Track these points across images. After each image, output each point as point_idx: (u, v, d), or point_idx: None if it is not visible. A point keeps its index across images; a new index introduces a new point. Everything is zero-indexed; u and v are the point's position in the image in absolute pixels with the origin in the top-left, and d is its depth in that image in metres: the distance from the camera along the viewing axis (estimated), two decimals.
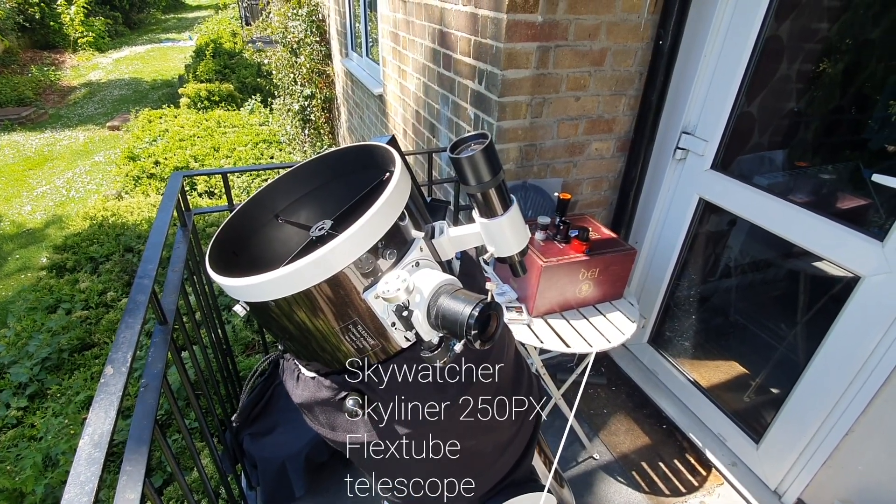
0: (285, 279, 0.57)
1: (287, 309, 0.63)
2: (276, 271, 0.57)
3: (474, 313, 0.57)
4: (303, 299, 0.61)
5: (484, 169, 0.64)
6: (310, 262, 0.57)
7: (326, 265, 0.58)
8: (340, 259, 0.58)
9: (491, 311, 0.59)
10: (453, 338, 0.60)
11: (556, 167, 1.89)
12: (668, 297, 2.17)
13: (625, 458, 1.98)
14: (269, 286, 0.58)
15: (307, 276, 0.58)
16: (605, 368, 2.42)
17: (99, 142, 7.60)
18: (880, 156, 1.52)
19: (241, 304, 0.65)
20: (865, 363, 1.43)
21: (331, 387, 0.71)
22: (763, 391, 1.92)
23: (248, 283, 0.58)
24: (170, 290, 1.10)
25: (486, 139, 0.65)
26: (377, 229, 0.60)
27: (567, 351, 1.47)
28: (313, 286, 0.59)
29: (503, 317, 0.62)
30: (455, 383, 0.75)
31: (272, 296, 0.59)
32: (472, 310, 0.57)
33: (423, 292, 0.61)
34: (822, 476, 1.59)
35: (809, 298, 1.77)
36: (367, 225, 0.59)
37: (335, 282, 0.60)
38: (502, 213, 0.69)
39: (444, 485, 0.90)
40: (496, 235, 0.71)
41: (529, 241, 1.59)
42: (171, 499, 1.97)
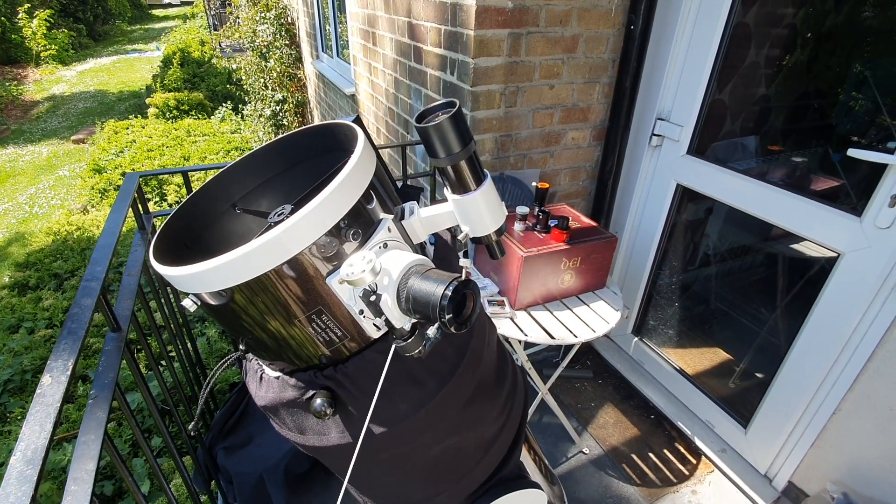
0: (236, 264, 0.51)
1: (243, 300, 0.56)
2: (226, 255, 0.51)
3: (447, 293, 0.51)
4: (259, 288, 0.55)
5: (453, 138, 0.60)
6: (263, 244, 0.51)
7: (281, 248, 0.52)
8: (297, 241, 0.53)
9: (466, 291, 0.54)
10: (427, 322, 0.55)
11: (532, 158, 1.85)
12: (650, 286, 2.16)
13: (614, 450, 1.95)
14: (219, 273, 0.52)
15: (261, 260, 0.52)
16: (590, 361, 2.39)
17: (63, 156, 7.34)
18: (846, 140, 1.54)
19: (190, 298, 0.58)
20: (849, 340, 1.42)
21: (297, 385, 0.65)
22: (748, 376, 1.92)
23: (194, 271, 0.52)
24: (125, 295, 1.02)
25: (453, 107, 0.60)
26: (338, 208, 0.55)
27: (552, 343, 1.43)
28: (269, 272, 0.53)
29: (480, 297, 0.57)
30: (434, 377, 0.70)
31: (223, 284, 0.53)
32: (445, 289, 0.52)
33: (392, 274, 0.56)
34: (813, 457, 1.58)
35: (789, 281, 1.77)
36: (326, 203, 0.53)
37: (294, 266, 0.54)
38: (475, 187, 0.64)
39: (426, 488, 0.84)
40: (470, 213, 0.66)
41: (509, 232, 1.54)
42: None
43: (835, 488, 1.48)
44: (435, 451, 0.78)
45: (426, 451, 0.77)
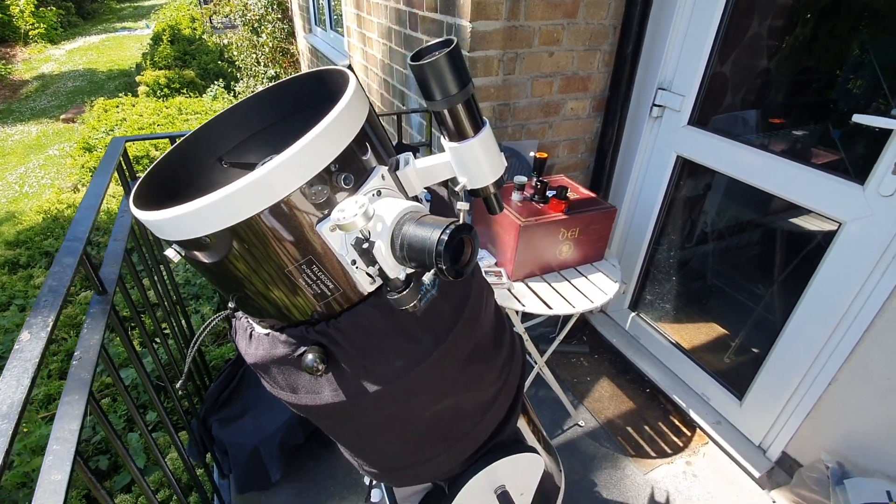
0: (220, 206, 0.48)
1: (228, 248, 0.54)
2: (209, 196, 0.48)
3: (443, 238, 0.49)
4: (245, 234, 0.52)
5: (450, 78, 0.56)
6: (249, 185, 0.48)
7: (268, 190, 0.49)
8: (285, 182, 0.50)
9: (463, 236, 0.51)
10: (422, 270, 0.52)
11: (531, 128, 1.81)
12: (647, 261, 2.14)
13: (610, 423, 1.95)
14: (202, 216, 0.49)
15: (246, 202, 0.49)
16: (586, 337, 2.39)
17: (53, 135, 7.22)
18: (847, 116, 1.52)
19: (173, 247, 0.55)
20: (847, 310, 1.41)
21: (287, 342, 0.63)
22: (744, 350, 1.92)
23: (176, 214, 0.49)
24: (110, 260, 0.99)
25: (451, 45, 0.56)
26: (328, 149, 0.52)
27: (549, 313, 1.41)
28: (256, 216, 0.50)
29: (478, 243, 0.55)
30: (430, 334, 0.68)
31: (206, 229, 0.50)
32: (441, 234, 0.49)
33: (385, 220, 0.53)
34: (807, 428, 1.58)
35: (786, 256, 1.76)
36: (316, 142, 0.50)
37: (281, 211, 0.51)
38: (473, 134, 0.61)
39: (422, 449, 0.83)
40: (468, 162, 0.63)
41: (506, 202, 1.51)
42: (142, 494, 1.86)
43: (829, 458, 1.49)
44: (431, 413, 0.76)
45: (422, 411, 0.75)
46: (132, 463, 0.95)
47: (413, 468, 0.86)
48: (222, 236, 0.52)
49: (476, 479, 0.89)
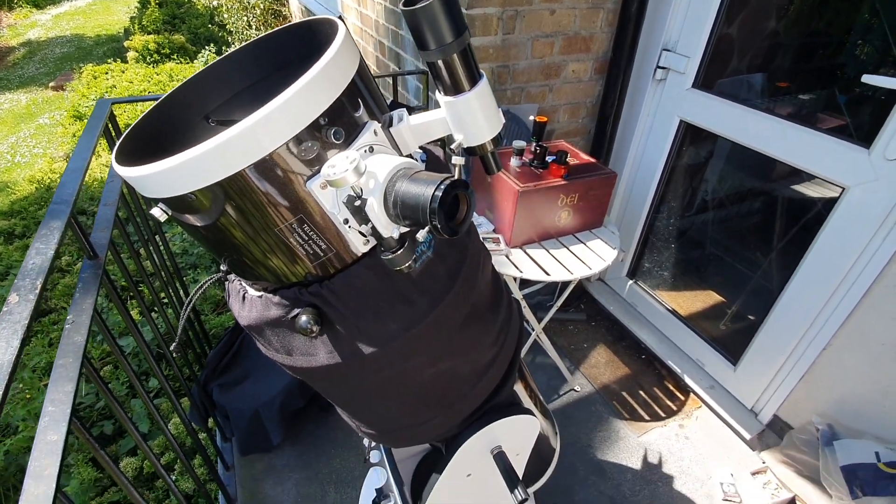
0: (205, 160, 0.46)
1: (216, 206, 0.52)
2: (193, 150, 0.46)
3: (437, 194, 0.47)
4: (232, 191, 0.50)
5: (445, 26, 0.53)
6: (233, 137, 0.45)
7: (254, 143, 0.47)
8: (272, 135, 0.48)
9: (458, 192, 0.49)
10: (416, 228, 0.50)
11: (530, 92, 1.76)
12: (647, 229, 2.13)
13: (605, 388, 1.98)
14: (187, 171, 0.47)
15: (231, 156, 0.47)
16: (584, 305, 2.40)
17: (42, 103, 7.06)
18: (853, 81, 1.48)
19: (159, 206, 0.54)
20: (846, 276, 1.41)
21: (280, 304, 0.62)
22: (741, 316, 1.93)
23: (159, 169, 0.47)
24: (101, 225, 0.97)
25: None
26: (317, 99, 0.49)
27: (547, 279, 1.41)
28: (243, 171, 0.48)
29: (474, 200, 0.53)
30: (425, 297, 0.67)
31: (192, 184, 0.48)
32: (435, 190, 0.47)
33: (378, 177, 0.51)
34: (800, 391, 1.61)
35: (786, 224, 1.75)
36: (304, 92, 0.48)
37: (270, 167, 0.49)
38: (469, 88, 0.58)
39: (419, 411, 0.83)
40: (464, 117, 0.60)
41: (505, 168, 1.48)
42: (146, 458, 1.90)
43: (820, 420, 1.52)
44: (427, 375, 0.76)
45: (418, 374, 0.75)
46: (131, 425, 0.96)
47: (410, 430, 0.87)
48: (208, 194, 0.50)
49: (473, 439, 0.90)
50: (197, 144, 0.56)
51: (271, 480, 1.58)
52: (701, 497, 1.61)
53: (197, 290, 0.67)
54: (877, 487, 1.25)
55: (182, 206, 0.53)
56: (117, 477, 0.84)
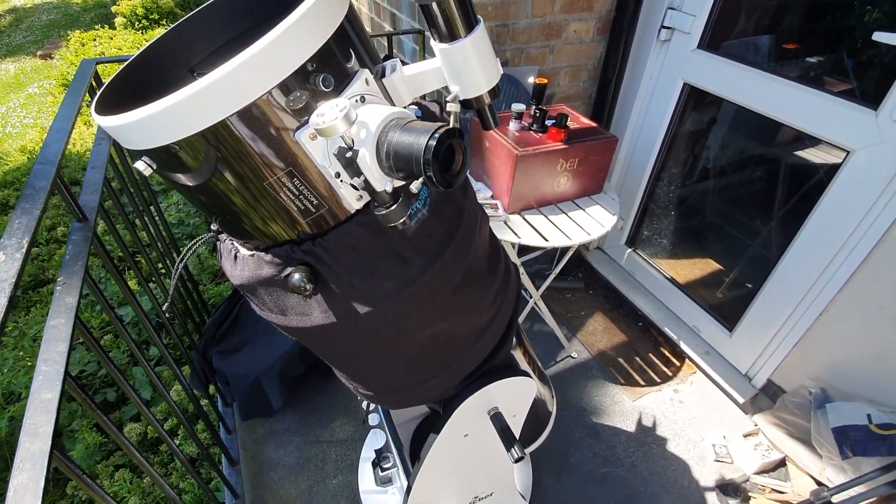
0: (186, 108, 0.44)
1: (201, 159, 0.50)
2: (173, 96, 0.43)
3: (431, 143, 0.45)
4: (217, 141, 0.48)
5: None
6: (216, 82, 0.43)
7: (238, 89, 0.45)
8: (257, 81, 0.45)
9: (453, 141, 0.47)
10: (410, 179, 0.49)
11: (530, 53, 1.71)
12: (647, 196, 2.10)
13: (602, 355, 2.00)
14: (169, 119, 0.45)
15: (214, 103, 0.45)
16: (582, 274, 2.40)
17: (31, 72, 6.88)
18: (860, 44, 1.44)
19: (143, 160, 0.52)
20: (846, 241, 1.40)
21: (273, 262, 0.61)
22: (739, 284, 1.93)
23: (139, 117, 0.45)
24: (90, 188, 0.95)
25: None
26: (303, 43, 0.47)
27: (545, 245, 1.40)
28: (228, 120, 0.46)
29: (470, 150, 0.51)
30: (421, 255, 0.65)
31: (174, 134, 0.46)
32: (429, 139, 0.45)
33: (370, 126, 0.49)
34: (794, 357, 1.62)
35: (788, 190, 1.73)
36: (290, 33, 0.45)
37: (254, 116, 0.47)
38: (465, 34, 0.55)
39: (416, 373, 0.84)
40: (460, 67, 0.58)
41: (503, 132, 1.45)
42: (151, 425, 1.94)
43: (813, 384, 1.54)
44: (424, 336, 0.76)
45: (415, 335, 0.75)
46: (131, 390, 0.96)
47: (407, 391, 0.87)
48: (192, 144, 0.48)
49: (470, 400, 0.90)
50: None
51: (273, 443, 1.61)
52: (693, 458, 1.65)
53: (188, 248, 0.66)
54: (867, 448, 1.27)
55: (166, 158, 0.51)
56: (119, 439, 0.85)
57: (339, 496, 1.48)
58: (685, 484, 1.58)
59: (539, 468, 1.56)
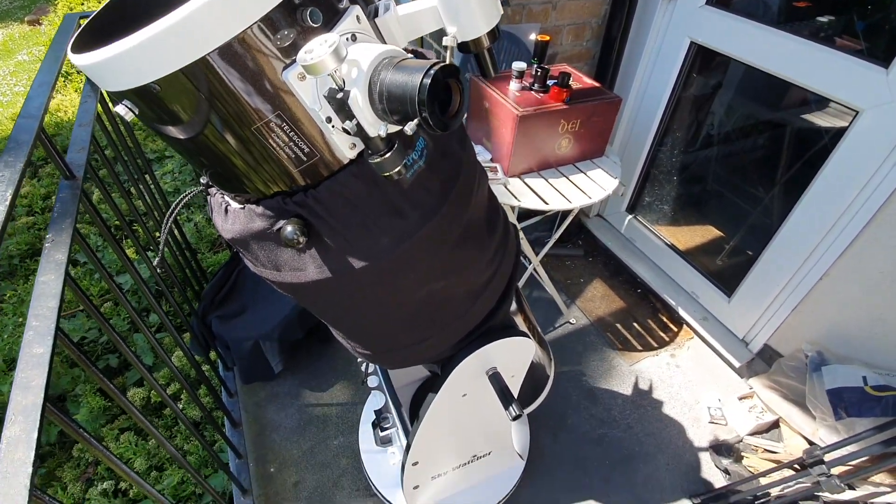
0: (162, 42, 0.41)
1: (184, 102, 0.47)
2: (146, 30, 0.41)
3: (426, 82, 0.43)
4: (201, 80, 0.45)
5: None
6: (194, 13, 0.40)
7: (217, 21, 0.42)
8: (239, 13, 0.42)
9: (449, 79, 0.45)
10: (405, 121, 0.46)
11: (532, 9, 1.64)
12: (649, 161, 2.07)
13: (600, 320, 2.01)
14: (143, 55, 0.42)
15: (195, 37, 0.42)
16: (581, 241, 2.39)
17: (20, 39, 6.68)
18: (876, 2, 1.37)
19: (124, 104, 0.49)
20: (850, 205, 1.38)
21: (264, 214, 0.59)
22: (739, 251, 1.92)
23: (113, 53, 0.42)
24: (76, 146, 0.92)
25: None
26: None
27: (545, 209, 1.37)
28: (210, 56, 0.43)
29: (467, 91, 0.49)
30: (418, 210, 0.64)
31: (151, 72, 0.44)
32: (423, 77, 0.43)
33: (362, 65, 0.46)
34: (792, 321, 1.62)
35: (793, 156, 1.70)
36: None
37: (237, 52, 0.44)
38: None
39: (414, 332, 0.83)
40: (458, 6, 0.55)
41: (503, 92, 1.41)
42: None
43: (810, 347, 1.55)
44: (421, 294, 0.75)
45: (412, 293, 0.74)
46: (132, 355, 0.96)
47: (405, 350, 0.87)
48: (172, 84, 0.45)
49: (469, 360, 0.90)
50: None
51: (274, 406, 1.63)
52: (688, 420, 1.68)
53: (177, 201, 0.64)
54: (861, 409, 1.29)
55: (148, 102, 0.48)
56: (120, 399, 0.85)
57: (340, 456, 1.51)
58: (680, 444, 1.61)
59: (536, 429, 1.59)
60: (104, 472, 1.69)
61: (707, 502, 1.44)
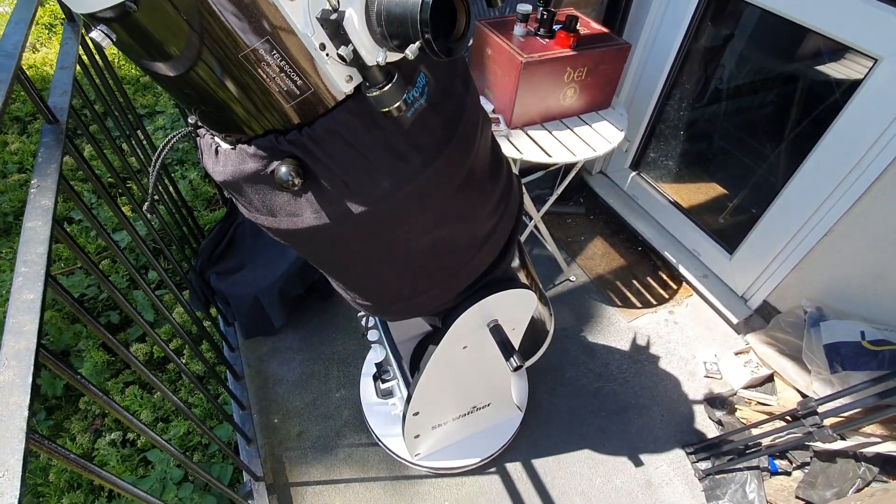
0: None
1: (164, 24, 0.44)
2: None
3: (427, 0, 0.39)
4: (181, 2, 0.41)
5: None
6: None
7: None
8: None
9: None
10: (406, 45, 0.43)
11: None
12: (655, 115, 2.01)
13: (600, 278, 2.01)
14: None
15: None
16: (583, 199, 2.35)
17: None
18: None
19: (100, 28, 0.45)
20: (862, 159, 1.35)
21: (257, 155, 0.56)
22: (743, 209, 1.89)
23: None
24: (59, 89, 0.88)
25: None
26: None
27: (548, 161, 1.34)
28: None
29: (473, 13, 0.45)
30: (419, 152, 0.61)
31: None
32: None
33: None
34: (793, 278, 1.62)
35: (804, 110, 1.64)
36: None
37: None
38: None
39: (416, 283, 0.82)
40: None
41: (507, 38, 1.33)
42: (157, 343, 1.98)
43: (809, 303, 1.55)
44: (423, 243, 0.73)
45: (413, 241, 0.72)
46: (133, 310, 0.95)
47: (406, 301, 0.86)
48: (150, 5, 0.41)
49: (470, 311, 0.90)
50: None
51: (276, 360, 1.65)
52: (684, 374, 1.70)
53: (164, 143, 0.61)
54: (857, 363, 1.30)
55: (125, 27, 0.44)
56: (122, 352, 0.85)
57: (342, 408, 1.54)
58: (674, 397, 1.64)
59: (535, 383, 1.61)
60: (111, 424, 1.73)
61: (699, 451, 1.49)
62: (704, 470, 1.45)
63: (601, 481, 1.43)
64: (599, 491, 1.41)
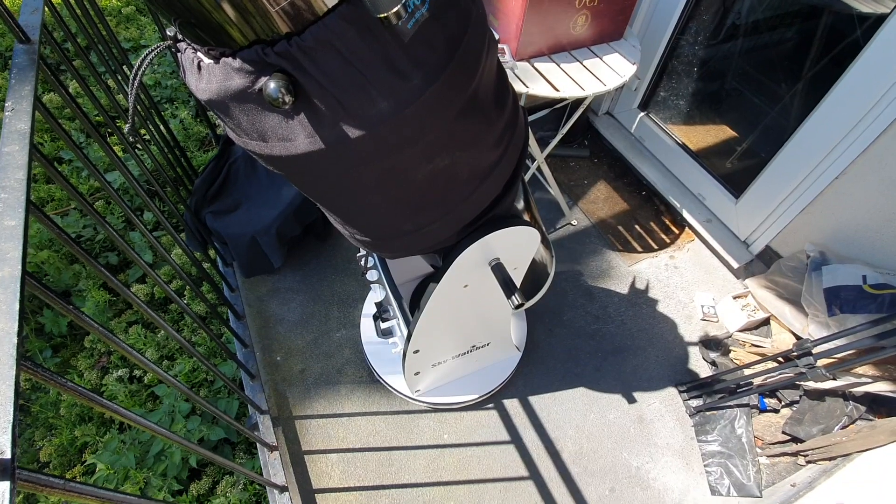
0: None
1: None
2: None
3: None
4: None
5: None
6: None
7: None
8: None
9: None
10: None
11: None
12: (668, 51, 1.90)
13: (602, 222, 1.98)
14: None
15: None
16: (588, 141, 2.28)
17: None
18: None
19: None
20: (881, 98, 1.28)
21: (243, 69, 0.51)
22: (752, 153, 1.84)
23: None
24: (29, 8, 0.81)
25: None
26: None
27: (556, 95, 1.27)
28: None
29: None
30: (420, 69, 0.56)
31: None
32: None
33: None
34: (798, 223, 1.60)
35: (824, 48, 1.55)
36: None
37: None
38: None
39: (416, 216, 0.79)
40: None
41: None
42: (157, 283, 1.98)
43: (813, 247, 1.54)
44: (424, 173, 0.70)
45: (414, 170, 0.68)
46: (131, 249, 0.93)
47: (406, 236, 0.84)
48: None
49: (471, 248, 0.88)
50: None
51: (276, 300, 1.65)
52: (681, 317, 1.72)
53: (142, 59, 0.56)
54: (856, 306, 1.30)
55: None
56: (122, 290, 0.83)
57: (343, 347, 1.57)
58: (670, 339, 1.67)
59: (533, 324, 1.63)
60: (118, 361, 1.76)
61: (691, 390, 1.53)
62: (696, 407, 1.49)
63: (595, 416, 1.48)
64: (593, 425, 1.46)
